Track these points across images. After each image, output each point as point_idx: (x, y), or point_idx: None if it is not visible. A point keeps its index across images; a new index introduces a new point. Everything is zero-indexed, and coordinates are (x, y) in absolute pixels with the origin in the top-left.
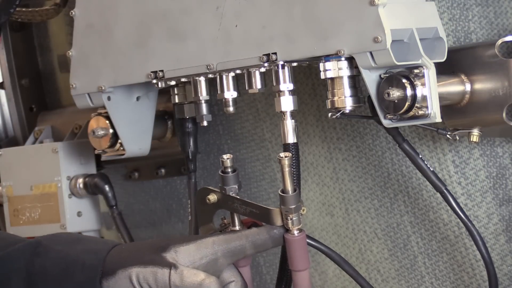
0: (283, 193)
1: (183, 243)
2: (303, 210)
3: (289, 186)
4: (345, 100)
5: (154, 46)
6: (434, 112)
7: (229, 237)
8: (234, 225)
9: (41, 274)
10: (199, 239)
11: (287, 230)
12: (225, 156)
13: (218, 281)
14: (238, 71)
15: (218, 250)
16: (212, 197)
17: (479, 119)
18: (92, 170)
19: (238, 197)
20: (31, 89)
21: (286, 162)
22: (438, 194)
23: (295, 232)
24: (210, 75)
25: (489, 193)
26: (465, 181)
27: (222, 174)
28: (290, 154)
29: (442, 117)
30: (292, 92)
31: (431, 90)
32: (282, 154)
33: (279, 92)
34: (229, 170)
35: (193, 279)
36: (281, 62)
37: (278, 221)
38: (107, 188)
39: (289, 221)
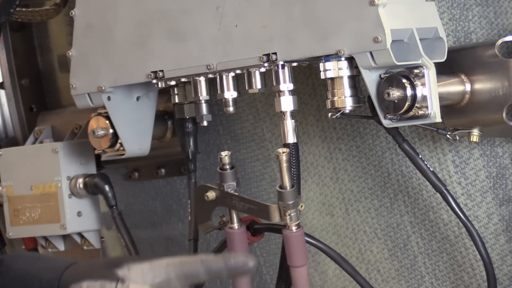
0: (281, 188)
1: (137, 262)
2: (301, 206)
3: (287, 182)
4: (345, 100)
5: (154, 46)
6: (434, 112)
7: (184, 260)
8: (232, 223)
9: None
10: (153, 259)
11: (285, 226)
12: (223, 153)
13: None
14: (238, 71)
15: (171, 272)
16: (211, 194)
17: (479, 119)
18: (92, 170)
19: (236, 193)
20: (31, 89)
21: (283, 157)
22: (438, 194)
23: (293, 228)
24: (210, 75)
25: (489, 193)
26: (465, 181)
27: (220, 171)
28: (288, 150)
29: (442, 117)
30: (292, 92)
31: (431, 90)
32: (280, 150)
33: (279, 92)
34: (227, 166)
35: None
36: (281, 62)
37: (276, 217)
38: (107, 188)
39: (287, 217)
